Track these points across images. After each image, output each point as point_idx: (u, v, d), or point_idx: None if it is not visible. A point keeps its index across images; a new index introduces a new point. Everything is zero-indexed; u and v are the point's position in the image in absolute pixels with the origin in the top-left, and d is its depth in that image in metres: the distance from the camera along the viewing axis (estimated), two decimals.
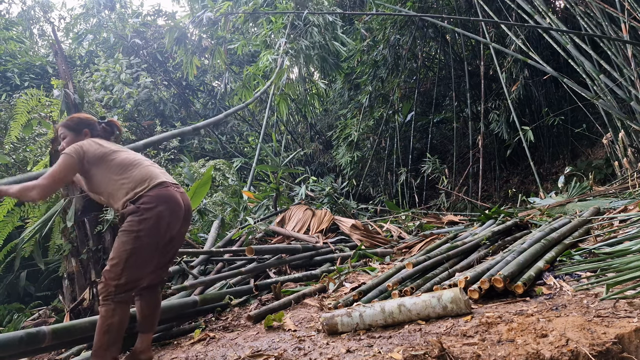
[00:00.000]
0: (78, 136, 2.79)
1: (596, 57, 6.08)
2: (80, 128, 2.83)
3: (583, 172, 7.27)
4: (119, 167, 2.62)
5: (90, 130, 2.84)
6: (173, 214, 2.55)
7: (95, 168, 2.63)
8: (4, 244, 4.87)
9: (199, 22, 9.19)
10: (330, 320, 2.59)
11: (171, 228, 2.56)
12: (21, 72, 10.31)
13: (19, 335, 2.39)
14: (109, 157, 2.65)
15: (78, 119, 2.88)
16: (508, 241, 4.11)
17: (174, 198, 2.56)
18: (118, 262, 2.41)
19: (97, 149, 2.66)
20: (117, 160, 2.64)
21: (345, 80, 11.29)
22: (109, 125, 2.97)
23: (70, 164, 2.57)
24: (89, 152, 2.64)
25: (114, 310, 2.38)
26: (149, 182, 2.55)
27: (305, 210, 6.21)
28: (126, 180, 2.58)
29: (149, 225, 2.45)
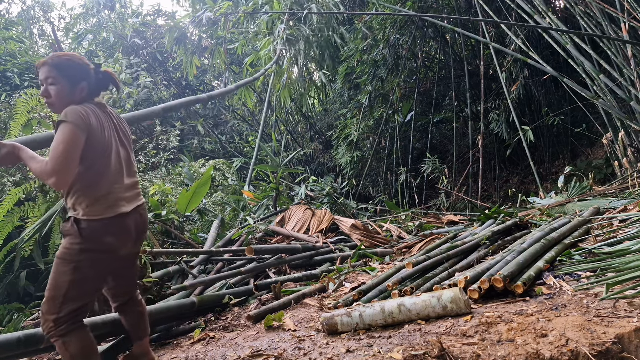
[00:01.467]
0: (73, 88, 2.16)
1: (596, 57, 6.08)
2: (78, 78, 2.18)
3: (583, 172, 7.27)
4: (98, 171, 2.15)
5: (87, 86, 2.21)
6: (122, 243, 2.20)
7: (85, 154, 2.09)
8: (4, 244, 4.87)
9: (199, 22, 9.20)
10: (330, 320, 2.59)
11: (119, 255, 2.22)
12: (21, 72, 10.30)
13: (17, 337, 2.38)
14: (105, 153, 2.17)
15: (75, 62, 2.20)
16: (508, 241, 4.11)
17: (127, 229, 2.20)
18: (56, 295, 2.08)
19: (99, 133, 2.13)
20: (103, 161, 2.16)
21: (345, 80, 11.28)
22: (104, 78, 2.31)
23: (80, 140, 2.03)
24: (93, 133, 2.09)
25: (66, 344, 2.07)
26: (110, 210, 2.13)
27: (305, 210, 6.21)
28: (92, 190, 2.12)
29: (91, 257, 2.11)
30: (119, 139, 2.28)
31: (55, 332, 2.08)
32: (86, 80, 2.20)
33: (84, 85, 2.19)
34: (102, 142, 2.14)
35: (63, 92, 2.15)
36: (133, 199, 2.27)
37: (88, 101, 2.20)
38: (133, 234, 2.24)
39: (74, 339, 2.09)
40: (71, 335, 2.09)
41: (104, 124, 2.18)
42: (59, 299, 2.08)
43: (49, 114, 4.91)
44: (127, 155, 2.32)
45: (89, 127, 2.07)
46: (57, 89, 2.14)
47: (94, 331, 2.72)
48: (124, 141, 2.32)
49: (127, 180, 2.26)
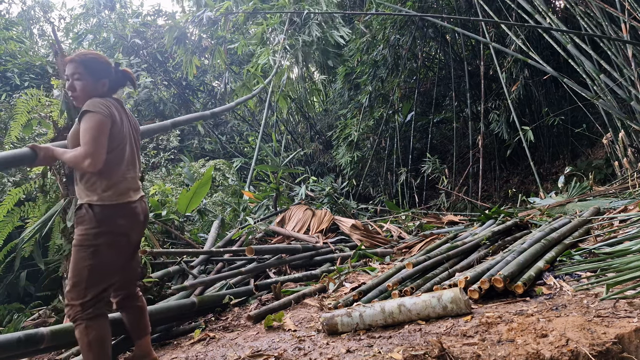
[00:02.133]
0: (96, 83, 2.37)
1: (596, 57, 6.08)
2: (101, 75, 2.39)
3: (583, 172, 7.27)
4: (114, 159, 2.31)
5: (108, 82, 2.42)
6: (133, 227, 2.37)
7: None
8: (4, 244, 4.86)
9: (199, 22, 9.19)
10: (330, 320, 2.59)
11: (131, 240, 2.38)
12: (21, 72, 10.30)
13: (16, 337, 2.38)
14: (121, 144, 2.35)
15: (100, 61, 2.41)
16: (508, 241, 4.11)
17: (136, 214, 2.37)
18: (79, 280, 2.21)
19: (119, 124, 2.33)
20: (119, 151, 2.35)
21: (345, 80, 11.29)
22: (123, 76, 2.51)
23: (106, 126, 2.23)
24: (114, 124, 2.30)
25: (88, 328, 2.20)
26: (122, 196, 2.30)
27: (305, 210, 6.21)
28: (107, 177, 2.28)
29: (107, 240, 2.25)
30: (133, 130, 2.49)
31: (82, 315, 2.21)
32: (107, 77, 2.41)
33: (105, 81, 2.40)
34: (121, 133, 2.35)
35: (87, 87, 2.36)
36: (138, 189, 2.45)
37: (108, 96, 2.41)
38: (142, 219, 2.43)
39: (96, 325, 2.22)
40: (94, 321, 2.22)
41: (122, 117, 2.39)
42: (82, 284, 2.22)
43: (48, 114, 4.91)
44: (135, 150, 2.49)
45: (112, 116, 2.28)
46: (83, 83, 2.35)
47: None
48: (134, 137, 2.49)
49: (135, 170, 2.45)
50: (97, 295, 2.25)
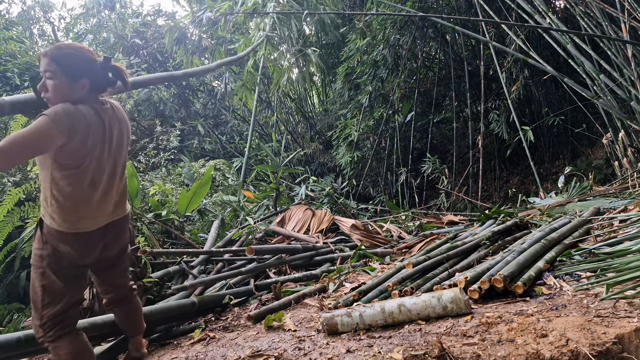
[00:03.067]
0: (72, 84, 1.98)
1: (596, 57, 6.08)
2: (79, 74, 1.99)
3: (583, 172, 7.27)
4: (71, 181, 1.99)
5: (88, 82, 2.02)
6: (80, 255, 2.10)
7: (57, 160, 1.95)
8: (4, 244, 4.86)
9: (199, 22, 9.19)
10: (330, 320, 2.59)
11: (81, 263, 2.14)
12: (21, 72, 10.29)
13: (16, 337, 2.38)
14: (83, 164, 1.99)
15: (78, 57, 2.01)
16: (508, 241, 4.11)
17: (87, 243, 2.10)
18: (35, 300, 2.07)
19: (83, 141, 1.95)
20: (79, 172, 1.99)
21: (345, 80, 11.29)
22: (113, 74, 2.11)
23: (44, 142, 1.84)
24: (73, 141, 1.91)
25: (56, 349, 2.05)
26: (70, 225, 2.03)
27: (305, 210, 6.21)
28: (58, 201, 1.99)
29: (50, 262, 2.05)
30: (109, 145, 2.09)
31: (44, 337, 2.07)
32: (87, 76, 2.01)
33: (85, 82, 2.00)
34: (81, 153, 1.96)
35: (61, 88, 1.96)
36: (105, 215, 2.14)
37: (88, 99, 2.03)
38: (96, 247, 2.14)
39: (63, 344, 2.07)
40: (60, 341, 2.06)
41: (91, 130, 1.98)
42: (37, 305, 2.07)
43: None
44: (113, 165, 2.14)
45: (70, 133, 1.88)
46: (55, 83, 1.96)
47: (94, 331, 2.73)
48: (113, 147, 2.12)
49: (104, 194, 2.10)
50: (56, 317, 2.06)
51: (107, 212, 2.14)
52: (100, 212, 2.11)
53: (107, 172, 2.10)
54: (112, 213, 2.17)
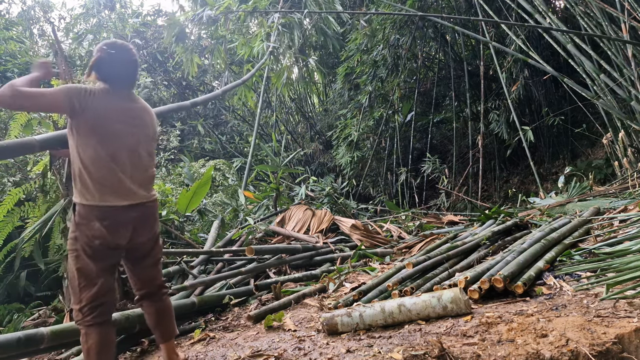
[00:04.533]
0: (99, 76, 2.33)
1: (596, 57, 6.07)
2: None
3: (583, 172, 7.27)
4: (95, 155, 2.18)
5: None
6: (111, 234, 2.20)
7: (81, 131, 2.18)
8: (4, 244, 4.86)
9: (199, 21, 9.17)
10: (330, 320, 2.59)
11: (113, 244, 2.23)
12: (21, 72, 10.28)
13: (16, 337, 2.38)
14: (104, 140, 2.19)
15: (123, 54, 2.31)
16: (508, 241, 4.11)
17: (117, 221, 2.22)
18: (73, 285, 2.20)
19: (103, 119, 2.20)
20: (101, 147, 2.19)
21: (345, 80, 11.29)
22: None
23: (62, 97, 2.12)
24: (94, 115, 2.18)
25: (86, 335, 2.18)
26: (100, 198, 2.18)
27: (305, 210, 6.21)
28: (85, 174, 2.18)
29: (83, 245, 2.18)
30: (141, 132, 2.33)
31: (81, 321, 2.21)
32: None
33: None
34: (104, 129, 2.20)
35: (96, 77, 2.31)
36: (129, 193, 2.26)
37: (114, 90, 2.28)
38: (125, 227, 2.24)
39: (94, 333, 2.18)
40: (93, 329, 2.19)
41: (115, 114, 2.24)
42: (75, 289, 2.21)
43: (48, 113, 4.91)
44: (135, 145, 2.31)
45: (81, 98, 2.15)
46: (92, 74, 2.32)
47: None
48: (139, 137, 2.33)
49: (125, 170, 2.25)
50: (92, 301, 2.18)
51: (132, 190, 2.27)
52: (124, 188, 2.24)
53: (128, 149, 2.28)
54: (136, 193, 2.29)
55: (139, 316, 3.00)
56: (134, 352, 3.18)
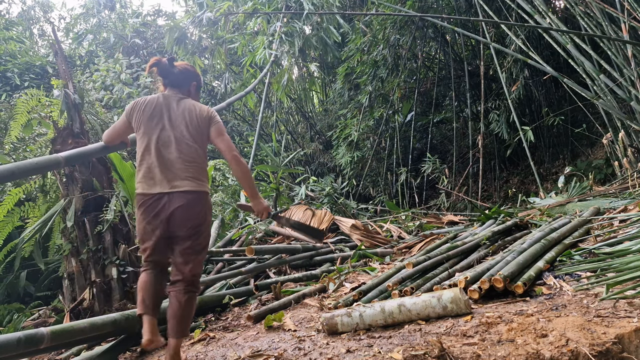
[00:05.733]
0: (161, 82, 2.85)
1: (596, 57, 6.07)
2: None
3: (583, 172, 7.27)
4: (139, 148, 2.67)
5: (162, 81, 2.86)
6: (145, 217, 2.55)
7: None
8: (4, 244, 4.86)
9: (199, 22, 9.18)
10: (330, 320, 2.59)
11: (150, 226, 2.55)
12: (21, 72, 10.30)
13: (17, 337, 2.38)
14: (140, 132, 2.69)
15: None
16: (508, 241, 4.11)
17: (150, 207, 2.53)
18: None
19: (143, 119, 2.69)
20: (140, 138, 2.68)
21: (345, 80, 11.28)
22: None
23: (122, 117, 2.79)
24: (136, 118, 2.72)
25: (138, 275, 2.68)
26: (139, 185, 2.60)
27: (305, 210, 6.21)
28: (137, 163, 2.67)
29: (138, 220, 2.63)
30: (175, 127, 2.61)
31: (141, 265, 2.70)
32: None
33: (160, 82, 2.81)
34: (141, 125, 2.62)
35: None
36: (161, 182, 2.53)
37: (167, 93, 2.74)
38: (156, 213, 2.52)
39: (141, 275, 2.63)
40: (142, 273, 2.64)
41: (153, 113, 2.63)
42: (140, 243, 2.72)
43: (48, 114, 4.91)
44: (168, 139, 2.59)
45: (131, 112, 2.68)
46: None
47: (94, 331, 2.73)
48: (180, 131, 2.60)
49: (165, 164, 2.54)
50: (143, 254, 2.64)
51: (163, 180, 2.53)
52: (153, 178, 2.54)
53: (161, 141, 2.58)
54: (169, 183, 2.53)
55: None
56: (134, 352, 3.18)
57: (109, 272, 3.99)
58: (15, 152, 5.89)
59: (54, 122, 4.48)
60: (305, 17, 8.33)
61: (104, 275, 3.99)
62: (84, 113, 4.74)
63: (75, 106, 4.43)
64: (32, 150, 5.82)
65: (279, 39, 8.21)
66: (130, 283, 4.02)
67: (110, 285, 3.96)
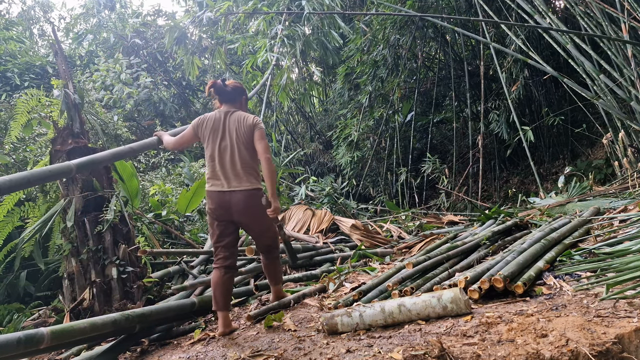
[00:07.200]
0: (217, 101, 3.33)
1: (596, 57, 6.07)
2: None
3: (583, 172, 7.27)
4: (206, 155, 3.22)
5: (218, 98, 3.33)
6: (215, 211, 3.10)
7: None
8: (4, 244, 4.86)
9: (199, 22, 9.18)
10: (330, 320, 2.59)
11: (221, 219, 3.10)
12: (21, 72, 10.30)
13: (17, 337, 2.38)
14: (205, 143, 3.24)
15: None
16: (508, 241, 4.11)
17: (218, 203, 3.08)
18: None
19: (207, 131, 3.21)
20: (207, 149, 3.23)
21: (345, 80, 11.28)
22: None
23: (189, 128, 3.33)
24: (201, 132, 3.25)
25: (212, 272, 3.14)
26: (208, 185, 3.16)
27: (305, 210, 6.21)
28: (206, 169, 3.27)
29: (209, 214, 3.20)
30: (229, 138, 3.12)
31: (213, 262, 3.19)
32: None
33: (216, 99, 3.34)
34: (207, 138, 3.17)
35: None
36: (223, 182, 3.08)
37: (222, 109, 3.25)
38: (221, 207, 3.07)
39: (213, 273, 3.12)
40: (214, 270, 3.11)
41: (214, 126, 3.16)
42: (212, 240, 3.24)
43: (48, 114, 4.91)
44: (225, 147, 3.12)
45: (199, 126, 3.22)
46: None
47: (94, 331, 2.73)
48: (233, 141, 3.11)
49: (219, 165, 3.10)
50: (215, 251, 3.15)
51: (225, 181, 3.08)
52: (218, 179, 3.10)
53: (221, 149, 3.12)
54: (229, 183, 3.08)
55: (138, 316, 3.00)
56: (134, 352, 3.19)
57: (109, 272, 3.99)
58: (15, 152, 5.89)
59: (54, 122, 4.47)
60: (305, 18, 8.33)
61: (104, 275, 3.99)
62: (84, 113, 4.73)
63: (75, 106, 4.43)
64: (32, 150, 5.82)
65: (280, 42, 8.23)
66: (130, 283, 4.02)
67: (110, 285, 3.96)
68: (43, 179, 3.34)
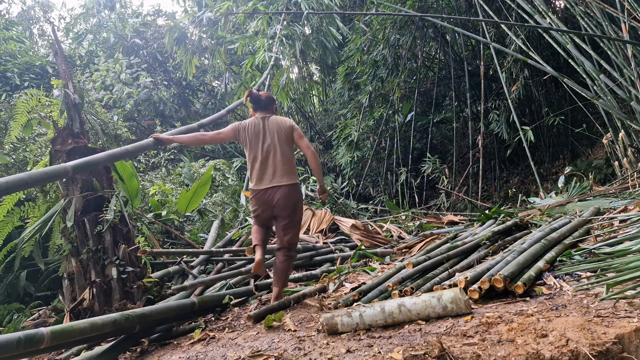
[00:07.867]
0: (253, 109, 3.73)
1: (596, 57, 6.07)
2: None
3: (583, 172, 7.27)
4: (248, 157, 3.58)
5: (253, 107, 3.71)
6: (257, 205, 3.50)
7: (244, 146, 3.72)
8: (4, 244, 4.86)
9: (199, 22, 9.18)
10: (330, 320, 2.59)
11: (261, 210, 3.48)
12: (21, 72, 10.29)
13: (17, 337, 2.38)
14: (247, 146, 3.60)
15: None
16: (508, 241, 4.11)
17: (259, 198, 3.47)
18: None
19: (244, 132, 3.60)
20: (248, 151, 3.58)
21: (345, 80, 11.29)
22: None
23: (229, 129, 3.68)
24: (243, 135, 3.60)
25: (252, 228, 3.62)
26: (252, 183, 3.53)
27: (305, 210, 6.21)
28: (248, 169, 3.64)
29: (252, 210, 3.59)
30: (270, 139, 3.50)
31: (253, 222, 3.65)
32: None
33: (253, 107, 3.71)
34: (250, 142, 3.53)
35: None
36: (265, 180, 3.44)
37: (258, 116, 3.62)
38: (264, 203, 3.45)
39: (253, 227, 3.59)
40: (254, 226, 3.59)
41: (255, 131, 3.53)
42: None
43: (48, 114, 4.91)
44: (266, 148, 3.48)
45: (239, 130, 3.60)
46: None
47: (94, 331, 2.73)
48: (274, 141, 3.49)
49: (261, 165, 3.46)
50: (255, 218, 3.57)
51: (267, 178, 3.45)
52: (260, 177, 3.47)
53: (263, 151, 3.49)
54: (270, 180, 3.45)
55: (138, 316, 3.00)
56: (134, 352, 3.18)
57: (109, 272, 3.99)
58: (15, 152, 5.89)
59: (53, 122, 4.47)
60: (305, 17, 8.33)
61: (104, 275, 3.99)
62: (83, 113, 4.73)
63: (75, 106, 4.43)
64: (32, 150, 5.82)
65: (279, 42, 8.23)
66: (130, 283, 4.02)
67: (110, 285, 3.96)
68: (39, 181, 3.39)
